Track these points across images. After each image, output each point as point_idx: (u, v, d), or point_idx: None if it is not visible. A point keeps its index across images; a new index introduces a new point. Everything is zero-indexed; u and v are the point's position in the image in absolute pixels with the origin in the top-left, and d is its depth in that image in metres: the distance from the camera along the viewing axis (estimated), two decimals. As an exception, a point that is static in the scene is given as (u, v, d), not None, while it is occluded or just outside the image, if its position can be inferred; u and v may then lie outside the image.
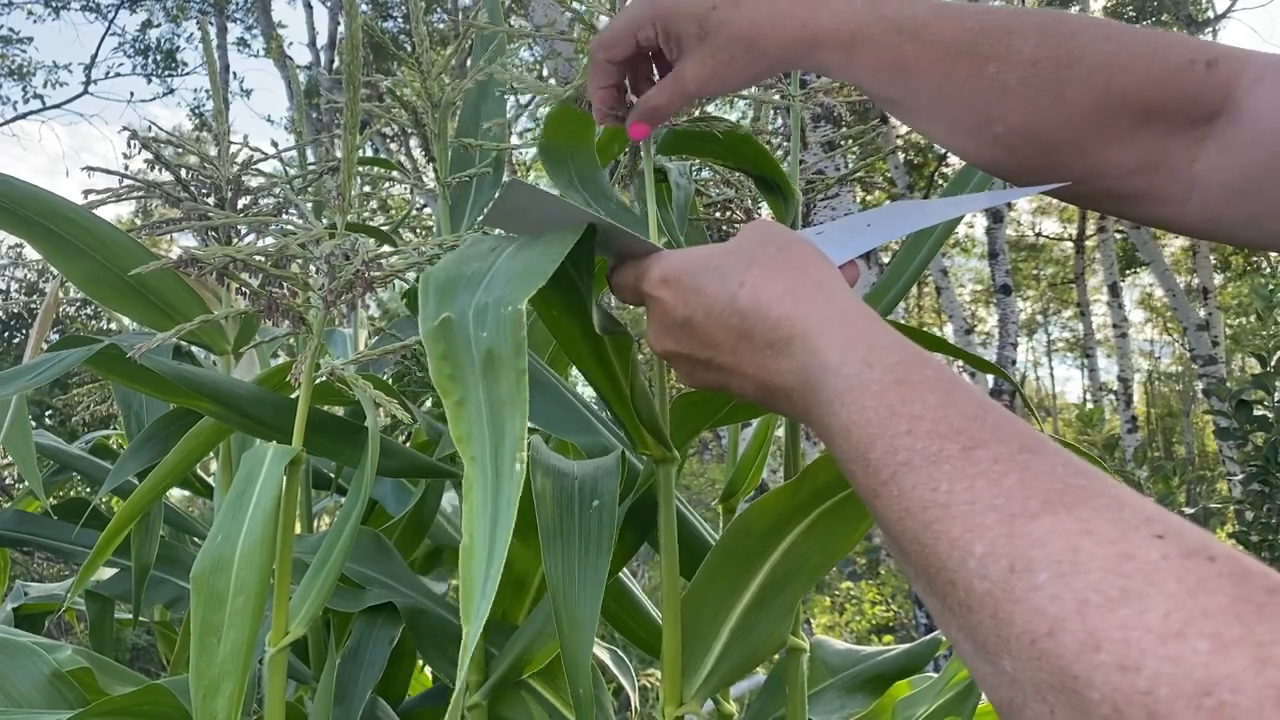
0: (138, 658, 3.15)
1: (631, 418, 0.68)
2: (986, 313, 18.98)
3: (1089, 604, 0.28)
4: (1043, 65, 0.55)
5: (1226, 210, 0.54)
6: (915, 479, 0.36)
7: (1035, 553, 0.31)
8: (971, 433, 0.37)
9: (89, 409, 1.32)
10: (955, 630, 0.34)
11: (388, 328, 1.28)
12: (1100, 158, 0.56)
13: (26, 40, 14.79)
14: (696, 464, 9.11)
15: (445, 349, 0.46)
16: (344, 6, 0.64)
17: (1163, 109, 0.54)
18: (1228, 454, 7.21)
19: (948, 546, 0.34)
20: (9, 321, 8.13)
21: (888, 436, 0.39)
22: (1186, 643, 0.26)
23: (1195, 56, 0.54)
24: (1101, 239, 10.48)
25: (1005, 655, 0.31)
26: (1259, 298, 3.77)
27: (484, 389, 0.44)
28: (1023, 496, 0.33)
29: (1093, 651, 0.28)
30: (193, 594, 0.60)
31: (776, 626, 0.74)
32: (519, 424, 0.43)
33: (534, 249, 0.52)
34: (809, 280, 0.49)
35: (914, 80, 0.57)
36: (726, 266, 0.51)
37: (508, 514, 0.41)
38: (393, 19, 11.39)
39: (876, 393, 0.40)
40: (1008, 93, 0.56)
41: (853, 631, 5.68)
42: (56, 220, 0.84)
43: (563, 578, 0.66)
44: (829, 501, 0.73)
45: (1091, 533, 0.30)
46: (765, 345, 0.48)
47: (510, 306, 0.46)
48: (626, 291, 0.57)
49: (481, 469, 0.42)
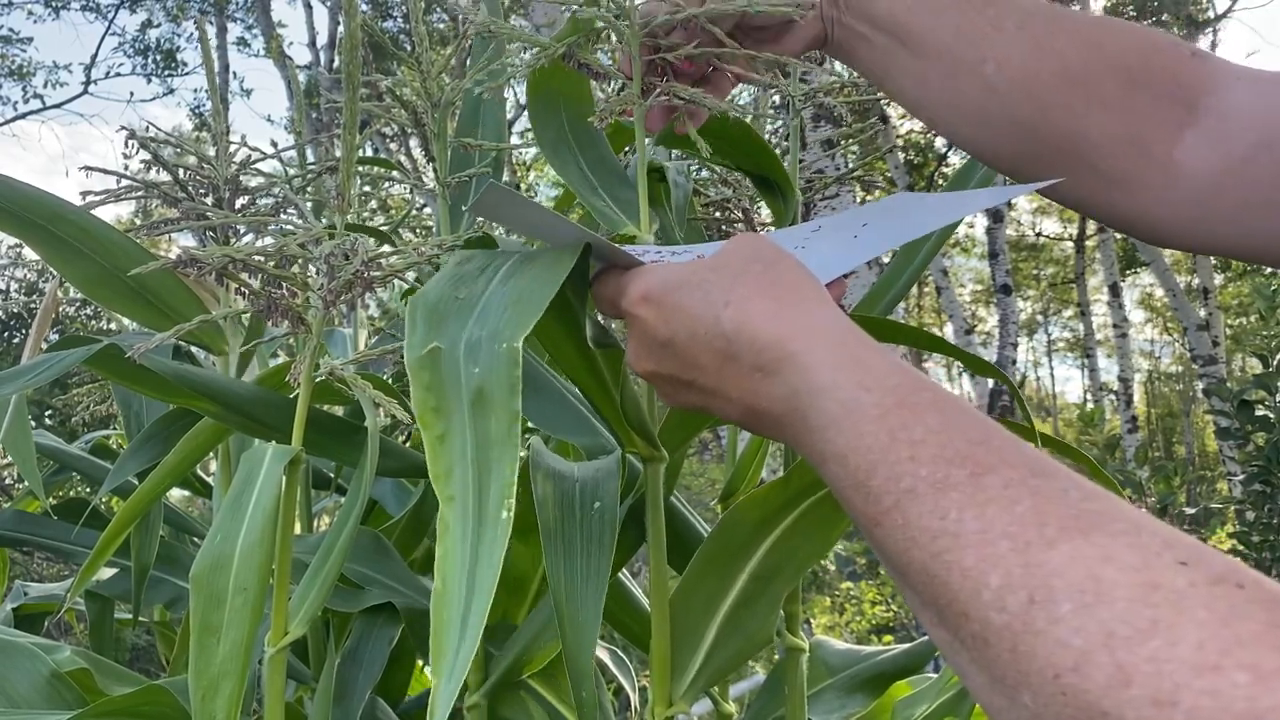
0: (138, 658, 3.15)
1: (619, 418, 0.68)
2: (987, 313, 18.98)
3: (1116, 635, 0.27)
4: (1038, 17, 0.58)
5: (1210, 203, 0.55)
6: (921, 507, 0.35)
7: (1055, 582, 0.30)
8: (978, 458, 0.35)
9: (89, 409, 1.32)
10: (967, 663, 0.33)
11: (387, 328, 1.28)
12: (1085, 121, 0.56)
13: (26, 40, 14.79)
14: (696, 464, 9.11)
15: (431, 380, 0.44)
16: (344, 6, 0.64)
17: (1148, 78, 0.55)
18: (1228, 454, 7.21)
19: (959, 577, 0.32)
20: (8, 321, 8.13)
21: (889, 463, 0.37)
22: (1224, 675, 0.25)
23: (1177, 43, 0.56)
24: (1102, 239, 10.48)
25: (1025, 690, 0.29)
26: (1261, 297, 3.76)
27: (471, 427, 0.42)
28: (1038, 523, 0.32)
29: (1123, 686, 0.26)
30: (192, 594, 0.60)
31: (764, 621, 0.74)
32: (509, 469, 0.41)
33: (529, 272, 0.50)
34: (797, 299, 0.47)
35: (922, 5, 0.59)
36: (711, 284, 0.48)
37: (490, 562, 0.38)
38: (392, 19, 11.38)
39: (875, 417, 0.39)
40: (1002, 31, 0.58)
41: (853, 631, 5.68)
42: (55, 221, 0.84)
43: (565, 580, 0.65)
44: (818, 494, 0.73)
45: (1112, 560, 0.29)
46: (752, 368, 0.45)
47: (505, 344, 0.44)
48: (605, 304, 0.55)
49: (461, 510, 0.40)
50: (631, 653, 1.23)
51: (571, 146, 0.76)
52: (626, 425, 0.68)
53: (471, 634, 0.37)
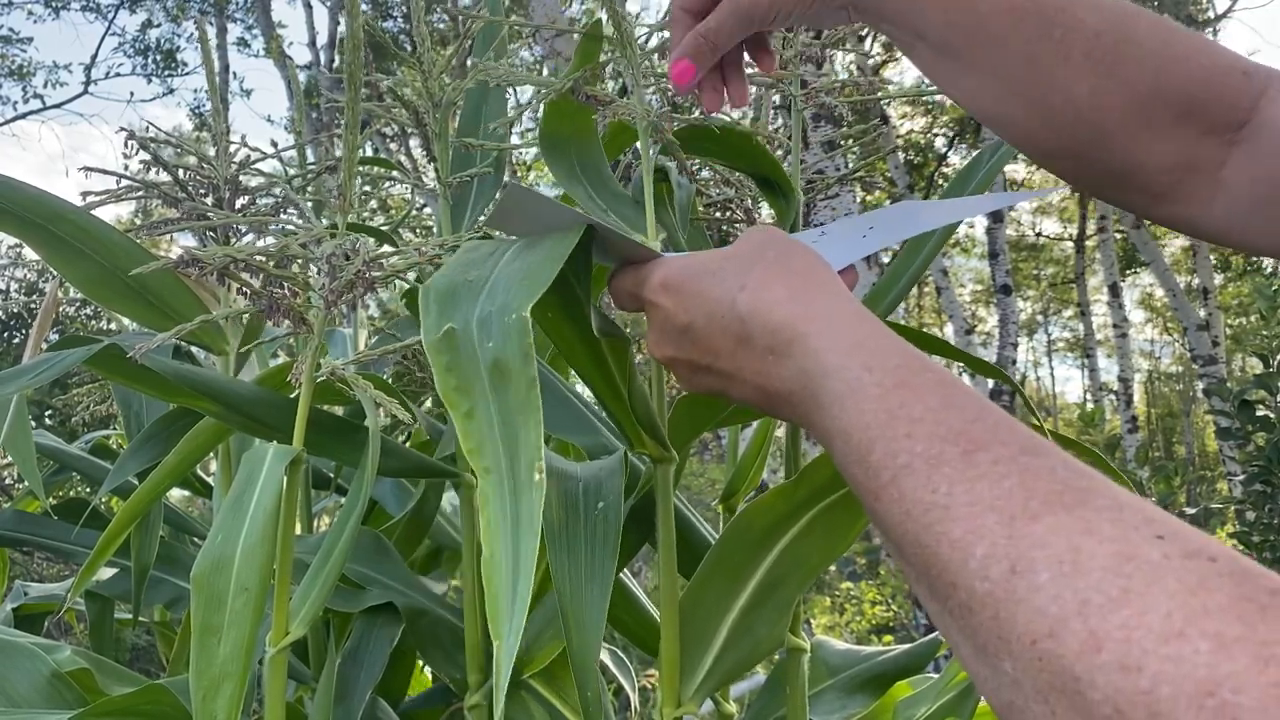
0: (138, 658, 3.15)
1: (629, 418, 0.68)
2: (986, 313, 18.98)
3: (1090, 604, 0.28)
4: (1104, 39, 0.54)
5: (1250, 216, 0.55)
6: (915, 481, 0.36)
7: (1036, 553, 0.31)
8: (972, 435, 0.37)
9: (89, 409, 1.32)
10: (955, 633, 0.34)
11: (388, 328, 1.28)
12: (1139, 150, 0.55)
13: (27, 40, 14.79)
14: (696, 464, 9.12)
15: (450, 360, 0.46)
16: (345, 6, 0.64)
17: (1204, 107, 0.54)
18: (1228, 454, 7.21)
19: (948, 548, 0.34)
20: (9, 321, 8.14)
21: (887, 439, 0.39)
22: (1188, 642, 0.26)
23: (1234, 64, 0.55)
24: (1101, 239, 10.48)
25: (1006, 657, 0.30)
26: (1263, 298, 3.76)
27: (494, 399, 0.44)
28: (1024, 498, 0.33)
29: (1094, 652, 0.27)
30: (193, 594, 0.60)
31: (774, 626, 0.74)
32: (534, 433, 0.42)
33: (533, 253, 0.52)
34: (809, 284, 0.48)
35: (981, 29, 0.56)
36: (726, 271, 0.50)
37: (531, 526, 0.40)
38: (393, 19, 11.39)
39: (876, 396, 0.40)
40: (1070, 62, 0.55)
41: (853, 632, 5.68)
42: (55, 221, 0.84)
43: (569, 580, 0.65)
44: (827, 500, 0.73)
45: (1092, 533, 0.30)
46: (765, 350, 0.48)
47: (514, 314, 0.45)
48: (625, 297, 0.57)
49: (498, 481, 0.42)
50: (631, 653, 1.23)
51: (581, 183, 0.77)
52: (636, 424, 0.68)
53: (523, 595, 0.39)
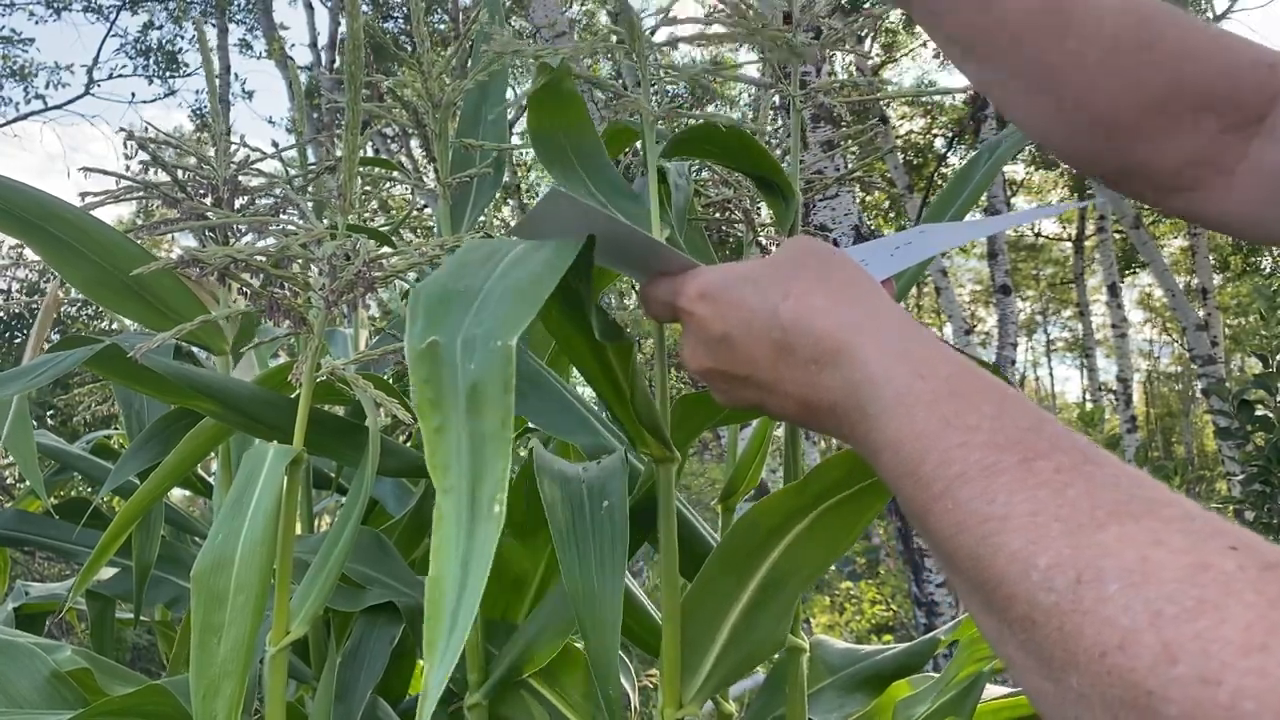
0: (138, 658, 3.15)
1: (632, 419, 0.68)
2: (986, 313, 18.98)
3: (1163, 615, 0.27)
4: (1122, 42, 0.54)
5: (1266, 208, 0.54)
6: (971, 491, 0.35)
7: (1104, 563, 0.29)
8: (1030, 443, 0.35)
9: (90, 409, 1.32)
10: (1014, 649, 0.32)
11: (388, 328, 1.28)
12: (1156, 147, 0.55)
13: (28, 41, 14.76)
14: (696, 464, 9.11)
15: (430, 373, 0.45)
16: (345, 7, 0.64)
17: (1224, 104, 0.54)
18: (1228, 454, 7.21)
19: (1006, 560, 0.32)
20: (10, 321, 8.14)
21: (940, 449, 0.37)
22: (1271, 655, 0.25)
23: (1259, 58, 0.54)
24: (1101, 239, 10.47)
25: (1072, 671, 0.29)
26: (1262, 298, 3.77)
27: (467, 422, 0.43)
28: (1089, 507, 0.32)
29: (1169, 664, 0.26)
30: (193, 593, 0.60)
31: (775, 627, 0.74)
32: (501, 464, 0.41)
33: (531, 263, 0.51)
34: (854, 294, 0.47)
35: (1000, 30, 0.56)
36: (767, 280, 0.49)
37: (482, 557, 0.39)
38: (393, 19, 11.39)
39: (928, 404, 0.39)
40: (1084, 69, 0.54)
41: (852, 631, 5.69)
42: (55, 222, 0.84)
43: (581, 581, 0.65)
44: (831, 500, 0.73)
45: (1163, 543, 0.29)
46: (809, 360, 0.46)
47: (500, 342, 0.44)
48: (659, 307, 0.55)
49: (456, 501, 0.41)
50: (631, 652, 1.23)
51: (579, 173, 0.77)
52: (639, 424, 0.68)
53: (463, 622, 0.38)
